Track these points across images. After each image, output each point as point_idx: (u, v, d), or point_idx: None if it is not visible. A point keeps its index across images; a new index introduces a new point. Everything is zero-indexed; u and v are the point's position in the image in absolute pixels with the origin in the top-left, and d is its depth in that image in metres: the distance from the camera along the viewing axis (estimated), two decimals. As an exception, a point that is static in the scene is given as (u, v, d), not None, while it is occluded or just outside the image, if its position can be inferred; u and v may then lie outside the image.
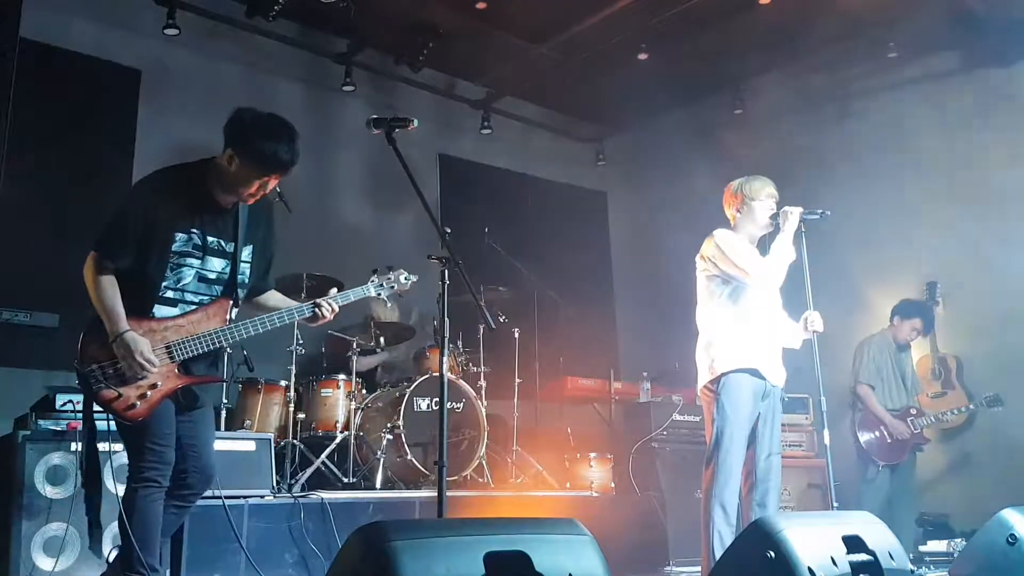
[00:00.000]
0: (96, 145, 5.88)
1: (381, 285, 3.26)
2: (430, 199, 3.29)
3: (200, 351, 2.88)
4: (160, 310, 2.88)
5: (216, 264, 2.96)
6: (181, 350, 2.85)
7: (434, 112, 7.61)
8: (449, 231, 3.04)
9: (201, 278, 2.93)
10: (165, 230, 2.85)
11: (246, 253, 3.03)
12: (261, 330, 3.01)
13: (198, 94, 6.40)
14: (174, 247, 2.86)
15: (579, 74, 7.54)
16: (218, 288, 2.97)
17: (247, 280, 3.05)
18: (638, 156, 8.51)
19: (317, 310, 3.12)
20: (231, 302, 2.97)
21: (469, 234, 6.06)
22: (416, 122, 3.11)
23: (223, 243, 2.96)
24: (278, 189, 5.31)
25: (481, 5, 6.53)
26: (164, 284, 2.87)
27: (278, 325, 3.07)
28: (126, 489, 2.87)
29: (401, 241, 6.97)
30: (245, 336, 2.96)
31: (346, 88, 6.95)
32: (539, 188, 8.32)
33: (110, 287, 2.82)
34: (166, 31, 6.09)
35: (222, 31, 6.55)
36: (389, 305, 5.46)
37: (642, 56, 6.94)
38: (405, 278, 3.29)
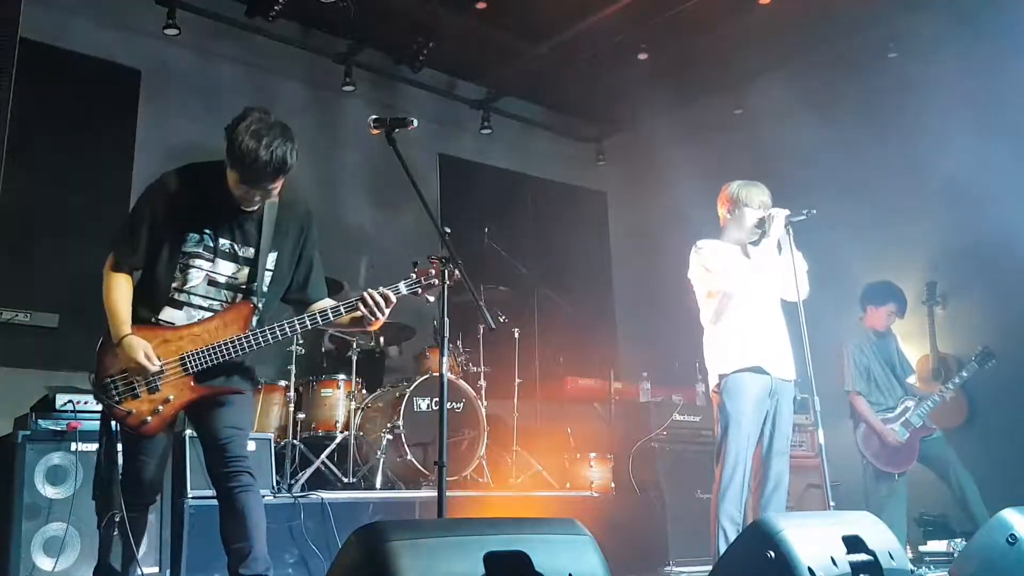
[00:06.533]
0: (96, 145, 5.88)
1: (419, 280, 2.95)
2: (430, 199, 3.28)
3: (215, 361, 2.76)
4: (167, 312, 2.80)
5: (227, 268, 2.84)
6: (195, 361, 2.75)
7: (434, 112, 7.60)
8: (449, 231, 3.02)
9: (211, 282, 2.82)
10: (177, 229, 2.78)
11: (270, 261, 2.89)
12: (280, 336, 2.83)
13: (198, 94, 6.40)
14: (185, 247, 2.78)
15: (579, 74, 7.53)
16: (228, 293, 2.85)
17: (267, 289, 2.89)
18: (638, 156, 8.50)
19: (360, 304, 2.84)
20: (251, 308, 2.84)
21: (469, 234, 6.06)
22: (416, 122, 3.09)
23: (236, 247, 2.84)
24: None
25: (481, 5, 6.53)
26: (173, 285, 2.79)
27: (309, 327, 2.90)
28: None
29: (401, 241, 6.97)
30: (263, 344, 2.80)
31: (346, 88, 6.95)
32: (539, 188, 8.32)
33: (119, 290, 2.76)
34: (166, 31, 6.08)
35: (222, 31, 6.55)
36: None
37: (642, 56, 6.93)
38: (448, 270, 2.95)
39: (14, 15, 5.11)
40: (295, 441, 5.00)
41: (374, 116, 3.12)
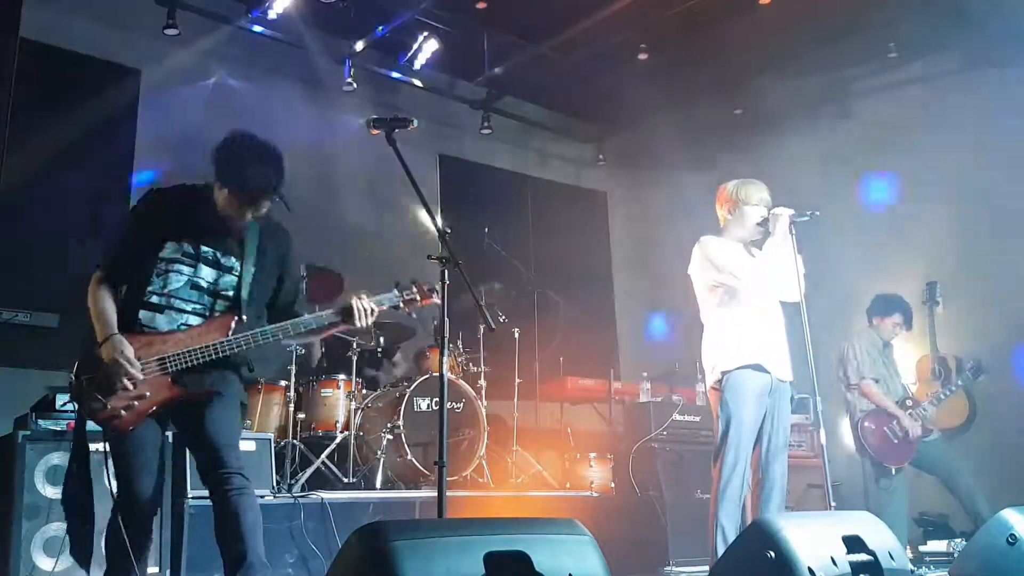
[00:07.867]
0: (96, 145, 5.88)
1: (401, 296, 3.09)
2: (430, 199, 3.28)
3: (195, 361, 2.81)
4: (146, 316, 2.84)
5: (209, 274, 2.91)
6: (174, 361, 2.80)
7: (434, 112, 7.60)
8: (449, 231, 3.03)
9: (193, 286, 2.89)
10: (157, 238, 2.87)
11: (251, 274, 2.98)
12: (262, 341, 2.89)
13: (198, 94, 6.41)
14: (162, 254, 2.86)
15: (579, 74, 7.53)
16: (209, 299, 2.91)
17: (246, 298, 2.97)
18: (638, 156, 8.50)
19: (345, 315, 2.99)
20: (235, 319, 2.90)
21: (469, 234, 6.06)
22: (416, 122, 3.09)
23: (219, 255, 2.93)
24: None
25: (481, 5, 6.54)
26: (149, 289, 2.85)
27: (292, 334, 2.98)
28: None
29: (401, 241, 6.97)
30: (243, 348, 2.86)
31: (346, 88, 6.95)
32: (539, 188, 8.33)
33: (103, 299, 2.85)
34: (166, 31, 6.08)
35: (222, 31, 6.55)
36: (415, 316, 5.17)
37: (642, 56, 6.93)
38: (429, 289, 3.11)
39: (14, 15, 5.11)
40: (295, 441, 5.00)
41: (374, 116, 3.12)
